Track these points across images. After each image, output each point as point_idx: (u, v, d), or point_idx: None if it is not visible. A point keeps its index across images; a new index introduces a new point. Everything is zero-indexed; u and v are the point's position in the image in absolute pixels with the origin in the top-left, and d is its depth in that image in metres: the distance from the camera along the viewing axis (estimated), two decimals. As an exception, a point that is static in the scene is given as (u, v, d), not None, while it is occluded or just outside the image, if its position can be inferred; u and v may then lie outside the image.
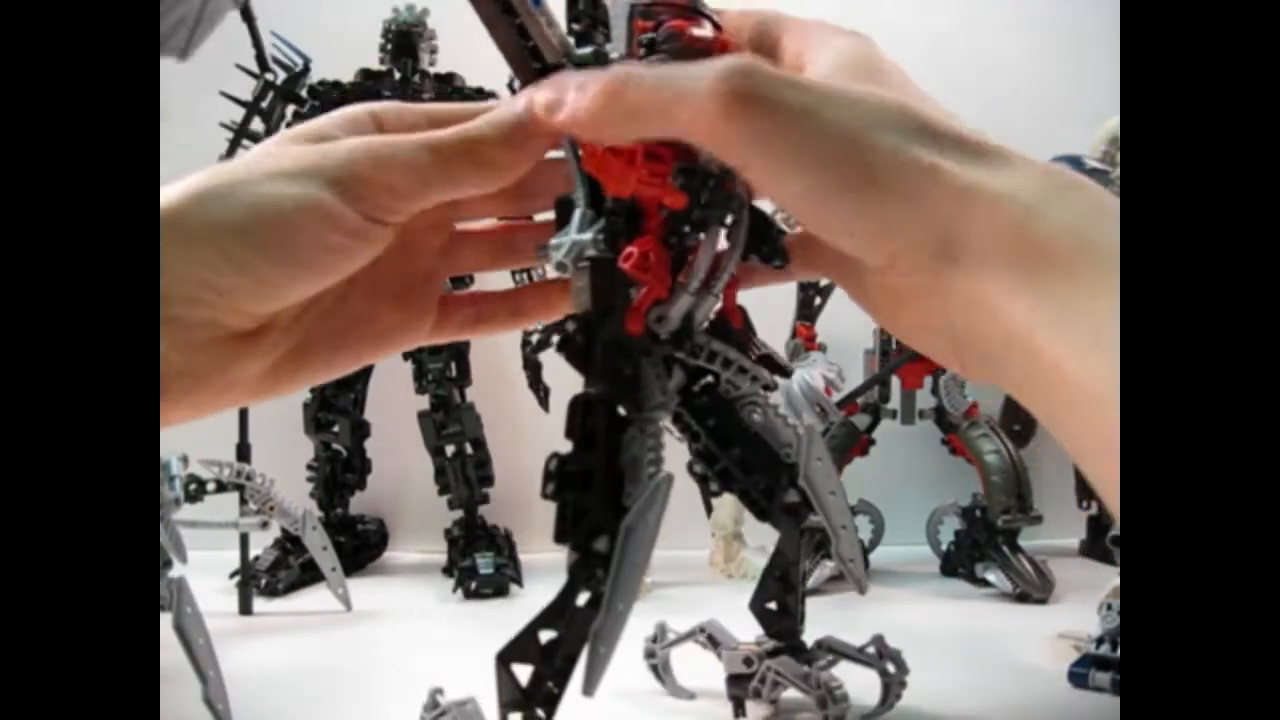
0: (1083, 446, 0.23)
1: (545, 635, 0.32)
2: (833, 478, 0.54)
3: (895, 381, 0.97)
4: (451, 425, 0.95)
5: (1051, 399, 0.23)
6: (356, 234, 0.28)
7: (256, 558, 0.88)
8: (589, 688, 0.32)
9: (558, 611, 0.32)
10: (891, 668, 0.55)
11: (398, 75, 0.97)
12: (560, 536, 0.31)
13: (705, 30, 0.31)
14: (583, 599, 0.31)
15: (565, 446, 0.42)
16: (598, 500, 0.31)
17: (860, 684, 0.54)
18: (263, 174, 0.27)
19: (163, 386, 0.26)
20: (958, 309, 0.25)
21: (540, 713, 0.31)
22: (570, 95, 0.28)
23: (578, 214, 0.31)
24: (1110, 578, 0.62)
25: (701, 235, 0.31)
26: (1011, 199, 0.24)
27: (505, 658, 0.32)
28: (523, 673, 0.32)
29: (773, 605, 0.57)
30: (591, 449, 0.32)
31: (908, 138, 0.25)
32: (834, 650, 0.56)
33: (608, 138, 0.29)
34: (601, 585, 0.31)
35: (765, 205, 0.33)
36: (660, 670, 0.62)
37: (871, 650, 0.56)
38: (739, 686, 0.57)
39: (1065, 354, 0.22)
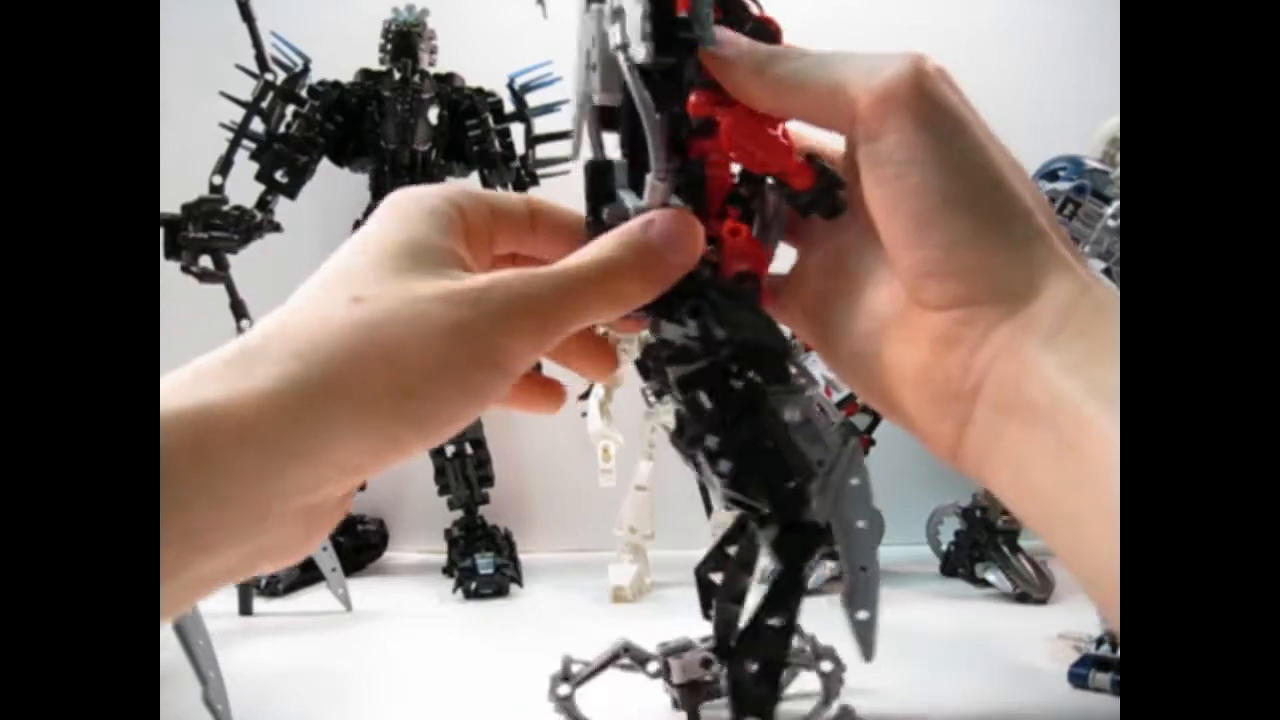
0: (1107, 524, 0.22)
1: (774, 621, 0.35)
2: (868, 505, 0.43)
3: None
4: (451, 425, 0.95)
5: (1076, 472, 0.23)
6: (497, 390, 0.27)
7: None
8: (869, 654, 0.37)
9: (783, 595, 0.35)
10: (827, 665, 0.53)
11: (398, 75, 0.97)
12: (767, 520, 0.34)
13: None
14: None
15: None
16: (787, 471, 0.34)
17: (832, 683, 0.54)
18: (421, 338, 0.25)
19: (251, 558, 0.24)
20: (1006, 378, 0.26)
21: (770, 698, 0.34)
22: (739, 48, 0.30)
23: (649, 179, 0.31)
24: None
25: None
26: (1086, 288, 0.26)
27: (739, 655, 0.35)
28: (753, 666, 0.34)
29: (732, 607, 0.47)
30: (757, 421, 0.33)
31: (1043, 210, 0.27)
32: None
33: (767, 105, 0.30)
34: (831, 552, 0.34)
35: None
36: (570, 713, 0.52)
37: (807, 650, 0.54)
38: (695, 695, 0.51)
39: (1108, 425, 0.22)
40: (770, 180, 0.33)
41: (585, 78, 0.33)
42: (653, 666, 0.51)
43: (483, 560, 0.88)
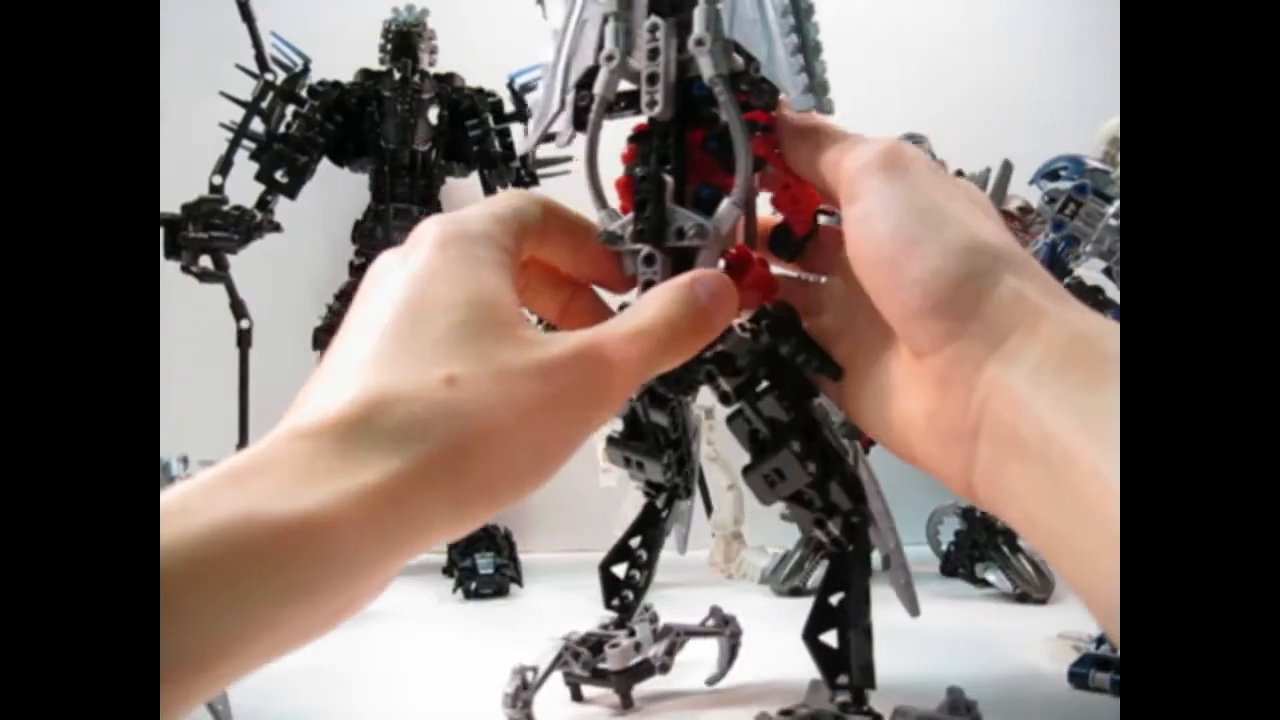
0: (1104, 558, 0.23)
1: (835, 598, 0.39)
2: (874, 484, 0.48)
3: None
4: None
5: (1077, 503, 0.24)
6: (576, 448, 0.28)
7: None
8: (915, 609, 0.48)
9: (842, 575, 0.39)
10: (729, 631, 0.56)
11: (398, 75, 0.97)
12: (833, 512, 0.38)
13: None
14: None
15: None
16: (849, 467, 0.38)
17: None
18: (525, 419, 0.25)
19: (334, 621, 0.25)
20: (999, 417, 0.27)
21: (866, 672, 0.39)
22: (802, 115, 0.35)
23: (728, 203, 0.35)
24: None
25: None
26: (1077, 325, 0.27)
27: (812, 635, 0.39)
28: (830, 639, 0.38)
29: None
30: (811, 415, 0.38)
31: (1007, 242, 0.30)
32: (680, 631, 0.55)
33: (800, 167, 0.36)
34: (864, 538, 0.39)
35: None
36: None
37: (711, 622, 0.56)
38: (631, 677, 0.51)
39: (1103, 464, 0.23)
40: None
41: (608, 80, 0.36)
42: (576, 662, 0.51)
43: (483, 560, 0.88)
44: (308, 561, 0.21)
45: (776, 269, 0.39)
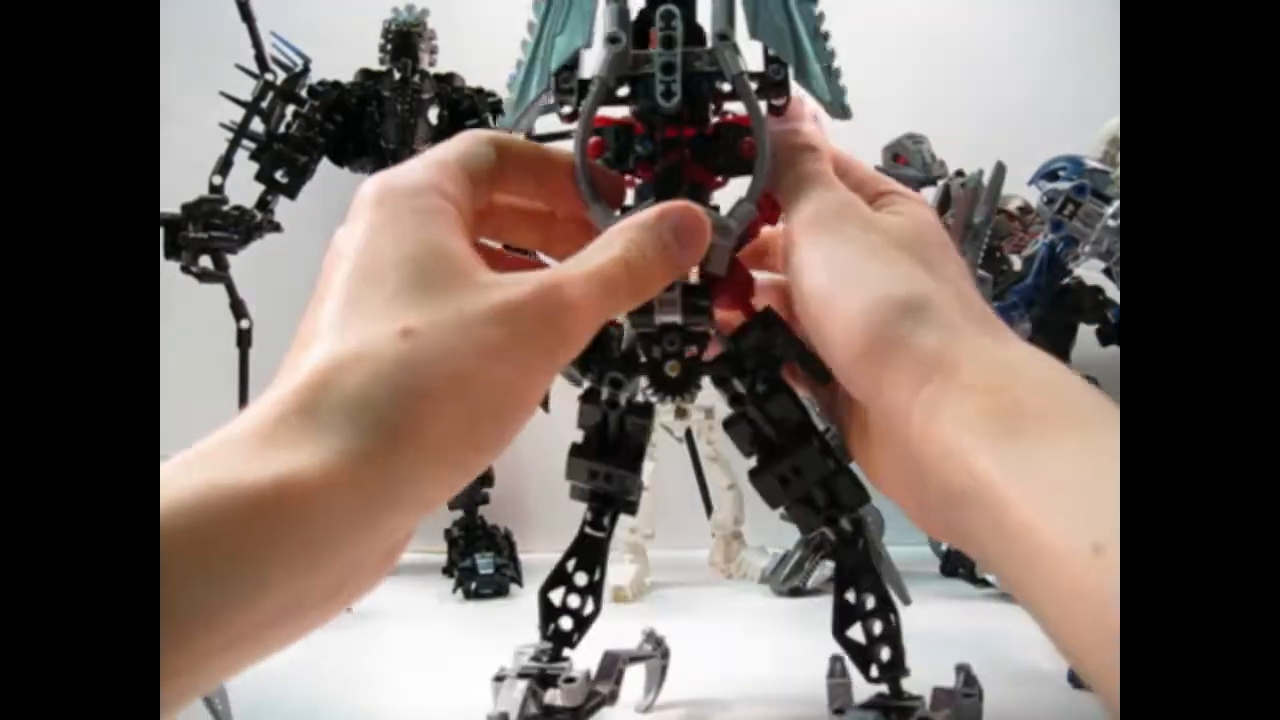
0: (1049, 610, 0.23)
1: (851, 595, 0.39)
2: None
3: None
4: (451, 425, 0.95)
5: (1015, 556, 0.23)
6: (550, 376, 0.28)
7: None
8: (905, 596, 0.57)
9: (856, 570, 0.39)
10: (656, 655, 0.54)
11: (398, 75, 0.97)
12: (841, 511, 0.38)
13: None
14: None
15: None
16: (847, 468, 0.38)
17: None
18: (488, 363, 0.25)
19: (324, 609, 0.24)
20: (934, 464, 0.27)
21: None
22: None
23: (746, 203, 0.35)
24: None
25: None
26: (1000, 366, 0.27)
27: (840, 632, 0.40)
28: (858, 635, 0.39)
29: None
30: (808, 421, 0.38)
31: (921, 320, 0.29)
32: (624, 659, 0.51)
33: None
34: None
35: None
36: None
37: (648, 646, 0.55)
38: (583, 713, 0.45)
39: (1034, 511, 0.23)
40: None
41: (614, 62, 0.35)
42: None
43: (483, 560, 0.88)
44: (282, 523, 0.21)
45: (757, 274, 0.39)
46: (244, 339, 0.87)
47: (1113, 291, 0.97)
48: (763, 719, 0.58)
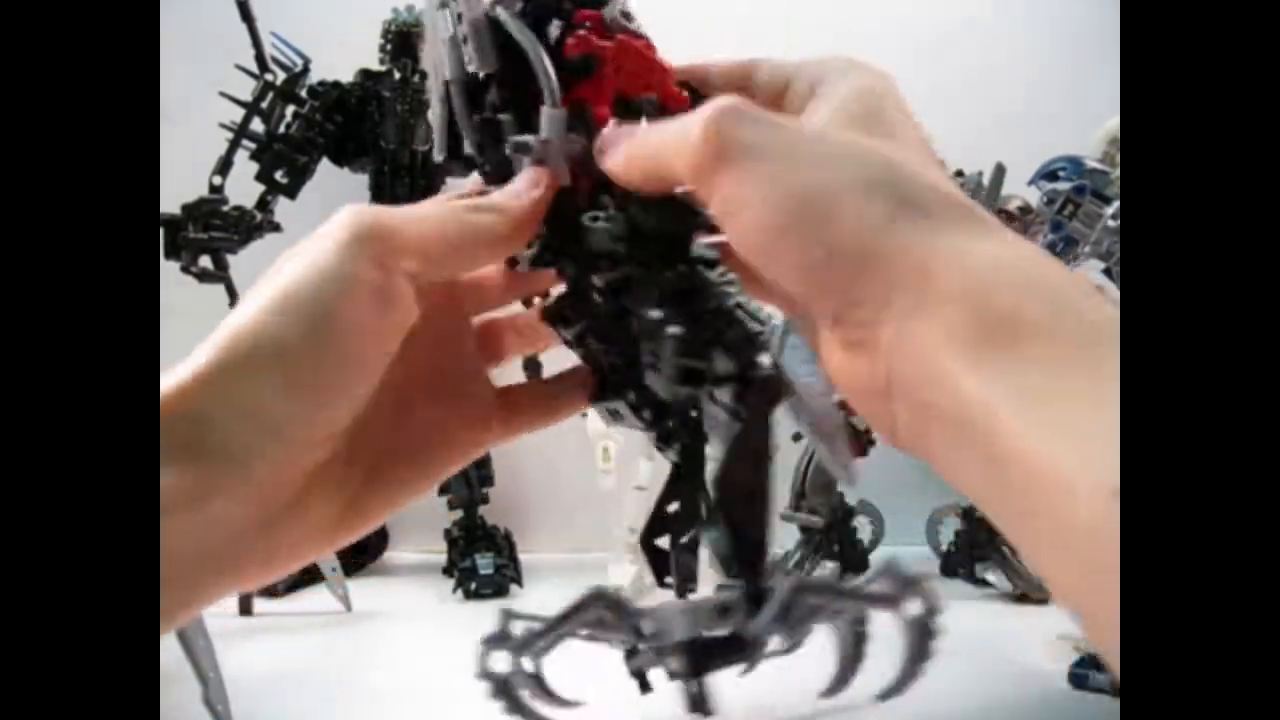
0: (1047, 546, 0.21)
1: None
2: (813, 362, 0.35)
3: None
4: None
5: (1007, 486, 0.21)
6: (383, 297, 0.28)
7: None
8: (851, 478, 0.48)
9: (745, 449, 0.33)
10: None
11: (397, 75, 0.97)
12: (722, 379, 0.33)
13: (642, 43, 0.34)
14: None
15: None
16: (737, 322, 0.34)
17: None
18: (315, 266, 0.27)
19: (239, 552, 0.25)
20: (909, 381, 0.23)
21: None
22: (610, 158, 0.31)
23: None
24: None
25: None
26: (987, 266, 0.23)
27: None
28: None
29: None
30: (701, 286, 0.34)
31: (880, 196, 0.24)
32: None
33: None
34: None
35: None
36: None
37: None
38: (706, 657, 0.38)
39: (1036, 442, 0.20)
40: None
41: (453, 60, 0.35)
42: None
43: (483, 560, 0.88)
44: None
45: None
46: (244, 339, 0.87)
47: (1113, 291, 0.97)
48: (761, 711, 0.58)
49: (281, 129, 0.93)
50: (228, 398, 0.25)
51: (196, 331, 0.26)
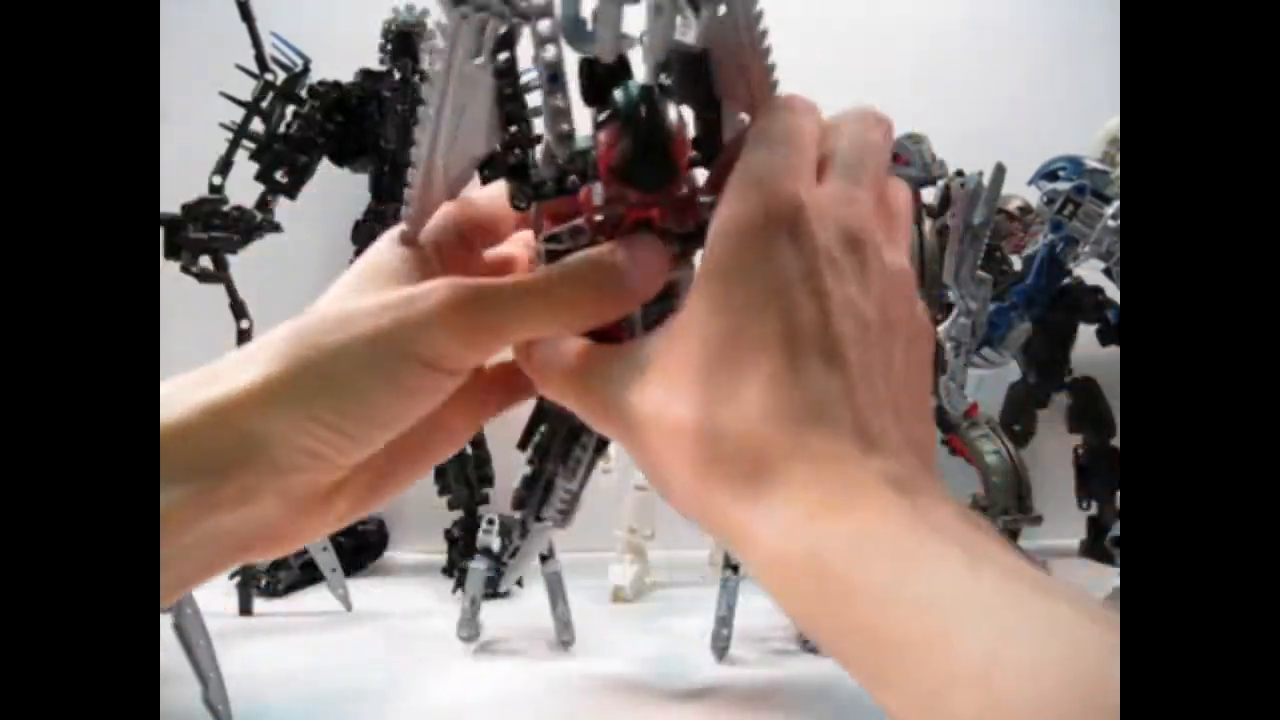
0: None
1: None
2: None
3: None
4: (451, 426, 0.95)
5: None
6: (436, 390, 0.28)
7: (256, 558, 0.88)
8: None
9: None
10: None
11: (398, 75, 0.97)
12: None
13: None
14: None
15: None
16: None
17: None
18: (347, 344, 0.26)
19: (260, 539, 0.26)
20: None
21: None
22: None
23: None
24: (1110, 578, 0.62)
25: None
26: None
27: None
28: None
29: None
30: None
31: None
32: None
33: None
34: None
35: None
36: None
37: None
38: None
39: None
40: None
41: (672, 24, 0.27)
42: None
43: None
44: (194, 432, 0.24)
45: None
46: (244, 339, 0.87)
47: (1113, 291, 0.97)
48: (761, 711, 0.58)
49: (281, 129, 0.93)
50: (284, 416, 0.25)
51: (196, 331, 0.26)
